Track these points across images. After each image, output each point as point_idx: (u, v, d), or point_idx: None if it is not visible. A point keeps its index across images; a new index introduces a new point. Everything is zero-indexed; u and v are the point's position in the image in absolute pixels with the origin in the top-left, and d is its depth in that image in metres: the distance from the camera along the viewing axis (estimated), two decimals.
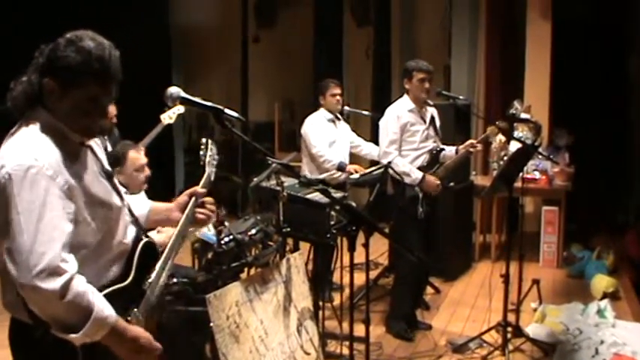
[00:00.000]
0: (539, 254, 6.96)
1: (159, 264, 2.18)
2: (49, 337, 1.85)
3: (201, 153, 2.77)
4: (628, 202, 7.84)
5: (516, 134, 6.80)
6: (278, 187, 3.68)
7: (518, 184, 4.78)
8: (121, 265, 2.10)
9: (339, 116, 5.95)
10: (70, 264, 1.84)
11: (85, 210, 1.95)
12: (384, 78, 8.80)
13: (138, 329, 2.00)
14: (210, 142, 2.77)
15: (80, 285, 1.84)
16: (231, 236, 3.41)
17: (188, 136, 10.63)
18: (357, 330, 3.67)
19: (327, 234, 3.87)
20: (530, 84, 7.72)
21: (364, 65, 9.32)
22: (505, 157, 6.59)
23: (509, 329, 4.58)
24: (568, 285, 6.37)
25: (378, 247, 6.30)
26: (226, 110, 2.42)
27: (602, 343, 4.54)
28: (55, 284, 1.78)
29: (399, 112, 4.93)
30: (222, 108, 2.41)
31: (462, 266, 6.75)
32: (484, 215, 7.35)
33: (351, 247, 3.14)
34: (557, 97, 7.74)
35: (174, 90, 2.37)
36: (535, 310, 5.33)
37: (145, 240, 2.18)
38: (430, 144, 4.99)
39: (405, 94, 5.00)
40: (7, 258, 1.83)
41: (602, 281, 5.88)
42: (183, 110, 5.44)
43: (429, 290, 5.85)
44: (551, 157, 6.57)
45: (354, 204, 3.85)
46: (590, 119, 7.86)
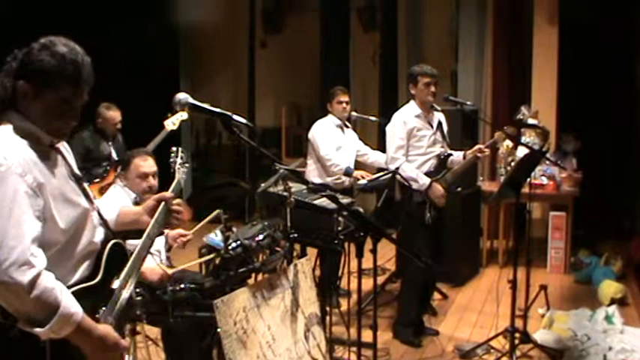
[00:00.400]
0: (546, 260, 6.94)
1: (128, 265, 2.21)
2: (16, 331, 1.89)
3: (171, 160, 2.85)
4: (635, 208, 7.80)
5: (524, 140, 6.78)
6: (285, 193, 3.68)
7: (525, 189, 4.76)
8: (90, 265, 2.14)
9: (347, 124, 6.02)
10: (39, 259, 1.87)
11: (54, 208, 1.98)
12: (390, 83, 8.80)
13: (105, 328, 2.03)
14: (180, 149, 2.84)
15: (48, 280, 1.87)
16: (239, 242, 3.40)
17: (196, 141, 10.66)
18: (364, 336, 3.68)
19: (335, 240, 3.88)
20: (538, 89, 7.71)
21: (371, 70, 9.34)
22: (512, 163, 6.59)
23: (516, 335, 4.56)
24: (576, 291, 6.34)
25: (385, 253, 6.30)
26: (234, 116, 2.44)
27: (610, 349, 4.52)
28: (24, 278, 1.82)
29: (405, 117, 4.92)
30: (230, 114, 2.43)
31: (470, 272, 6.74)
32: (491, 221, 7.35)
33: (359, 253, 3.15)
34: (564, 102, 7.72)
35: (182, 96, 2.39)
36: (543, 316, 5.31)
37: (114, 241, 2.21)
38: (437, 149, 4.98)
39: (412, 99, 4.99)
40: None
41: (609, 287, 5.86)
42: (186, 117, 5.47)
43: (436, 296, 5.84)
44: (559, 162, 6.56)
45: (361, 210, 3.84)
46: (598, 125, 7.84)
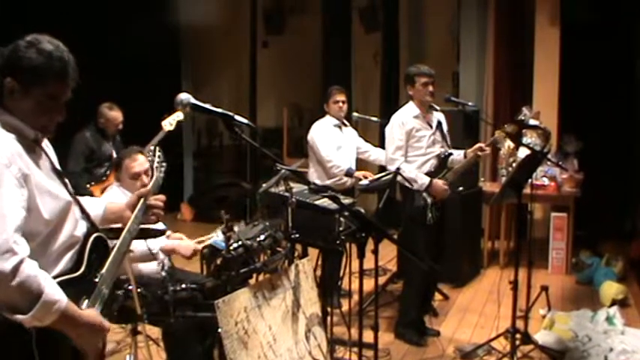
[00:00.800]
0: (547, 261, 6.94)
1: (110, 258, 2.24)
2: (3, 323, 1.91)
3: (149, 159, 2.89)
4: (637, 209, 7.80)
5: (525, 141, 6.78)
6: (287, 193, 3.68)
7: (527, 190, 4.77)
8: (73, 258, 2.17)
9: (345, 122, 5.97)
10: (22, 247, 1.90)
11: (37, 198, 2.02)
12: (392, 84, 8.80)
13: (89, 313, 2.08)
14: (158, 148, 2.86)
15: (31, 268, 1.90)
16: (240, 242, 3.40)
17: (197, 141, 10.66)
18: (365, 336, 3.67)
19: (336, 240, 3.88)
20: (539, 90, 7.71)
21: (372, 71, 9.35)
22: (514, 164, 6.58)
23: (517, 336, 4.56)
24: (577, 292, 6.34)
25: (386, 253, 6.30)
26: (236, 117, 2.44)
27: (611, 350, 4.52)
28: (6, 265, 1.84)
29: (403, 118, 4.91)
30: (232, 115, 2.43)
31: (471, 273, 6.74)
32: (493, 221, 7.34)
33: (360, 254, 3.14)
34: (565, 103, 7.72)
35: (184, 96, 2.39)
36: (544, 317, 5.31)
37: (96, 234, 2.25)
38: (437, 149, 4.96)
39: (410, 100, 4.98)
40: None
41: (611, 288, 5.86)
42: (183, 117, 5.47)
43: (437, 296, 5.83)
44: (560, 163, 6.55)
45: (362, 210, 3.84)
46: (599, 125, 7.83)
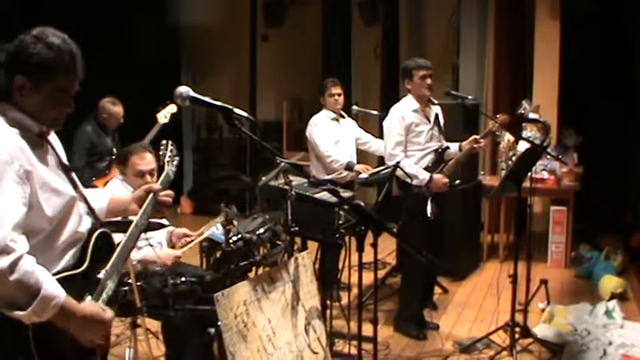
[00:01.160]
0: (547, 254, 6.95)
1: (115, 254, 2.22)
2: (2, 318, 1.90)
3: (161, 153, 2.87)
4: (636, 203, 7.80)
5: (525, 134, 6.78)
6: (286, 187, 3.68)
7: (526, 184, 4.76)
8: (76, 254, 2.16)
9: (343, 114, 5.92)
10: (20, 244, 1.89)
11: (40, 195, 2.00)
12: (392, 77, 8.77)
13: (89, 306, 2.05)
14: (170, 142, 2.85)
15: (29, 264, 1.89)
16: (240, 235, 3.40)
17: (197, 135, 10.65)
18: (364, 329, 3.68)
19: (336, 233, 3.88)
20: (539, 84, 7.71)
21: (373, 64, 9.34)
22: (513, 157, 6.59)
23: (516, 329, 4.57)
24: (576, 285, 6.35)
25: (386, 247, 6.30)
26: (236, 110, 2.44)
27: (610, 344, 4.53)
28: (3, 263, 1.83)
29: (403, 112, 4.87)
30: (231, 108, 2.43)
31: (470, 266, 6.75)
32: (492, 215, 7.35)
33: (360, 247, 3.14)
34: (565, 96, 7.71)
35: (184, 89, 2.39)
36: (543, 311, 5.32)
37: (100, 230, 2.23)
38: (435, 143, 4.95)
39: (409, 94, 4.94)
40: None
41: (610, 282, 5.87)
42: (176, 109, 5.47)
43: (436, 290, 5.84)
44: (560, 157, 6.55)
45: (362, 204, 3.84)
46: (599, 119, 7.83)
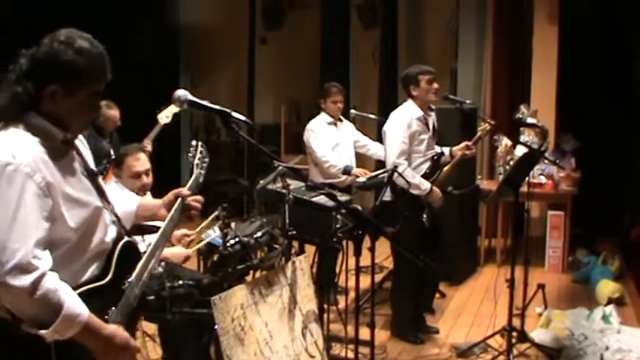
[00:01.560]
0: (544, 259, 6.94)
1: (140, 264, 2.16)
2: (24, 334, 1.85)
3: (190, 155, 2.74)
4: (634, 207, 7.80)
5: (522, 139, 6.78)
6: (284, 190, 3.68)
7: (524, 188, 4.77)
8: (101, 265, 2.09)
9: (341, 118, 5.88)
10: (43, 261, 1.84)
11: (63, 207, 1.93)
12: (390, 81, 8.79)
13: (113, 327, 1.99)
14: (200, 144, 2.75)
15: (51, 282, 1.84)
16: (237, 239, 3.40)
17: (195, 138, 10.61)
18: (362, 333, 3.67)
19: (333, 237, 3.87)
20: (537, 88, 7.71)
21: (371, 68, 9.34)
22: (511, 162, 6.59)
23: (514, 334, 4.56)
24: (573, 290, 6.35)
25: (383, 251, 6.26)
26: (233, 113, 2.43)
27: (607, 349, 4.53)
28: (25, 281, 1.79)
29: (408, 120, 4.75)
30: (229, 111, 2.42)
31: (467, 270, 6.74)
32: (489, 219, 7.35)
33: (357, 251, 3.13)
34: (563, 101, 7.72)
35: (181, 93, 2.38)
36: (540, 315, 5.32)
37: (126, 240, 2.16)
38: (432, 151, 4.92)
39: (411, 100, 4.84)
40: None
41: (607, 287, 5.87)
42: (178, 109, 5.45)
43: None
44: (557, 161, 6.56)
45: (359, 207, 3.83)
46: (597, 124, 7.83)
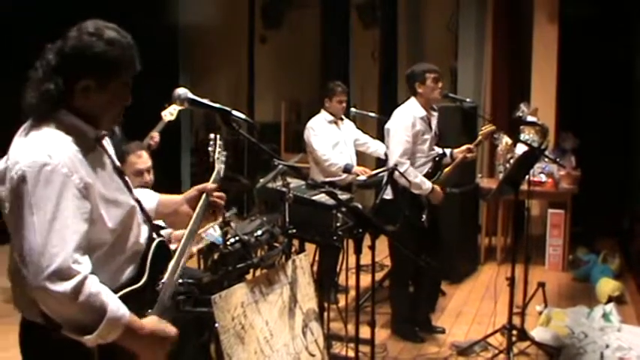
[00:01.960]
0: (544, 257, 6.95)
1: (171, 264, 2.13)
2: (62, 338, 1.79)
3: (210, 149, 2.74)
4: (634, 206, 7.80)
5: (523, 137, 6.78)
6: (284, 189, 3.68)
7: (524, 187, 4.77)
8: (136, 266, 2.04)
9: (342, 116, 5.88)
10: (83, 265, 1.78)
11: (101, 208, 1.89)
12: (390, 80, 8.80)
13: (151, 323, 1.95)
14: (218, 137, 2.74)
15: (93, 285, 1.78)
16: (237, 237, 3.40)
17: (195, 137, 10.63)
18: (362, 332, 3.66)
19: (333, 236, 3.87)
20: (537, 86, 7.71)
21: (371, 67, 9.34)
22: (511, 160, 6.59)
23: (514, 332, 4.56)
24: (573, 288, 6.35)
25: (383, 249, 6.26)
26: (233, 112, 2.43)
27: (607, 347, 4.53)
28: (66, 286, 1.73)
29: (412, 119, 4.72)
30: (229, 109, 2.42)
31: (468, 269, 6.74)
32: (490, 218, 7.35)
33: (357, 249, 3.13)
34: (563, 99, 7.72)
35: (182, 91, 2.39)
36: (540, 314, 5.32)
37: (158, 240, 2.13)
38: (434, 151, 4.92)
39: (414, 98, 4.81)
40: (18, 258, 1.77)
41: (607, 285, 5.87)
42: (182, 107, 5.43)
43: None
44: (558, 160, 6.55)
45: (360, 206, 3.83)
46: (597, 122, 7.83)
